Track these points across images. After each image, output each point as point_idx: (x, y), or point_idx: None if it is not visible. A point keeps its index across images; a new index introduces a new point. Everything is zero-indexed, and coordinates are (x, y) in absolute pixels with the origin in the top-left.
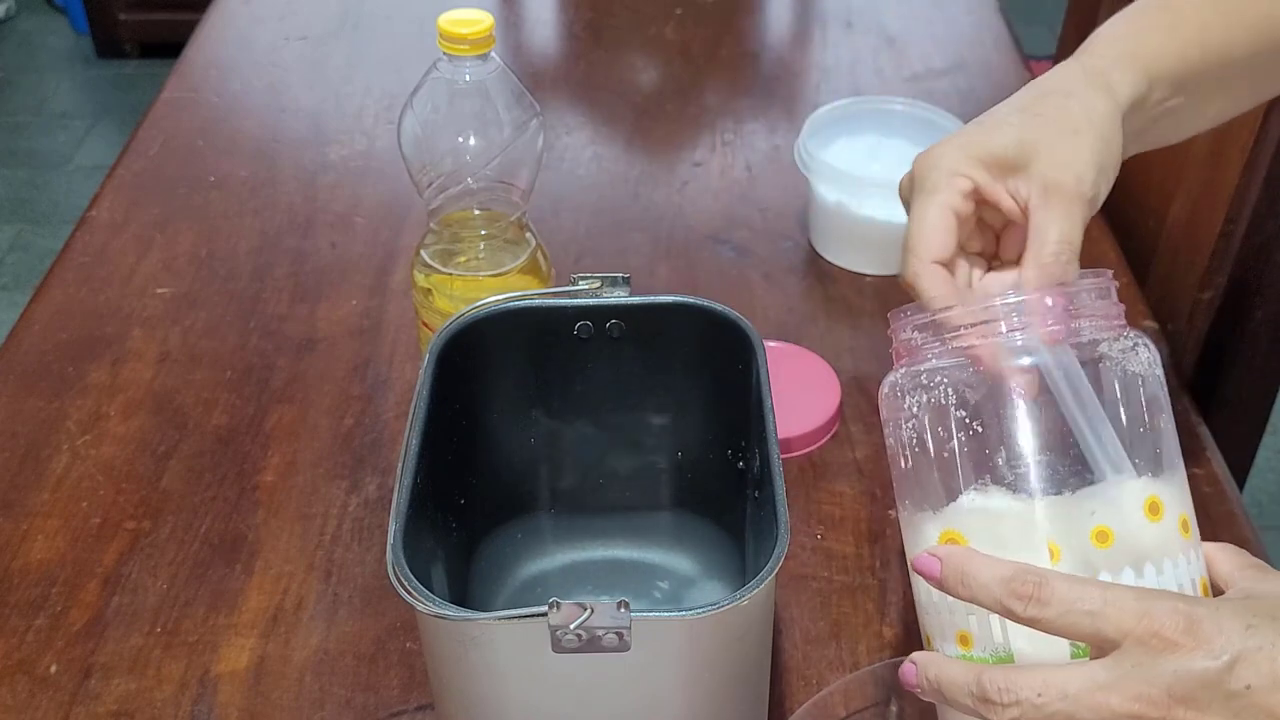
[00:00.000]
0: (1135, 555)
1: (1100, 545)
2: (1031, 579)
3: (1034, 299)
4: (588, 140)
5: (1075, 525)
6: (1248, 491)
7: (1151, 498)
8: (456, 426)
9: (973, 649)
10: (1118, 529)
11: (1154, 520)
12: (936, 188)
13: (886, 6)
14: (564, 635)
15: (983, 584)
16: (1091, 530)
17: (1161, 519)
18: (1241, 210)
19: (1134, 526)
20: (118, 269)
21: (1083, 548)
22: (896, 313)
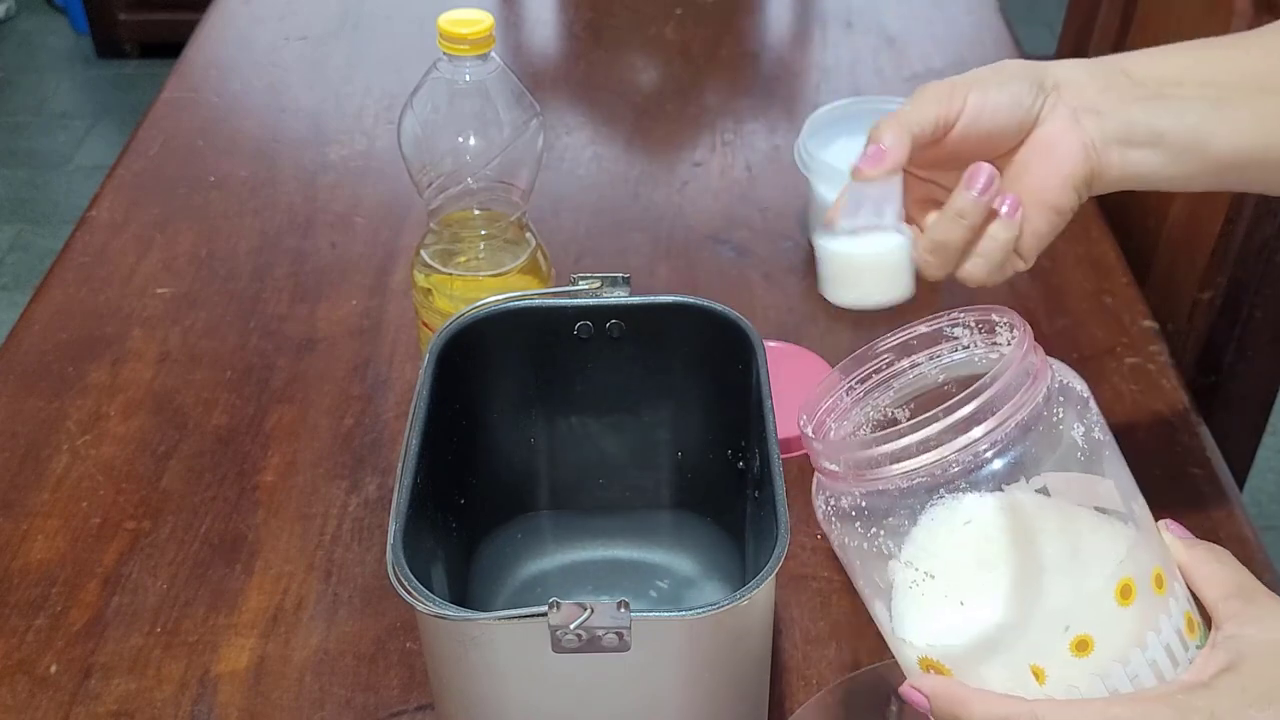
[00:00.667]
0: (1118, 648)
1: (1081, 655)
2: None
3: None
4: (588, 140)
5: (1052, 641)
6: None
7: (1123, 581)
8: (456, 426)
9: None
10: (1095, 632)
11: (1127, 604)
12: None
13: (886, 6)
14: (564, 635)
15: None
16: (1070, 643)
17: (1134, 598)
18: (1241, 210)
19: (1110, 621)
20: (118, 269)
21: (1065, 661)
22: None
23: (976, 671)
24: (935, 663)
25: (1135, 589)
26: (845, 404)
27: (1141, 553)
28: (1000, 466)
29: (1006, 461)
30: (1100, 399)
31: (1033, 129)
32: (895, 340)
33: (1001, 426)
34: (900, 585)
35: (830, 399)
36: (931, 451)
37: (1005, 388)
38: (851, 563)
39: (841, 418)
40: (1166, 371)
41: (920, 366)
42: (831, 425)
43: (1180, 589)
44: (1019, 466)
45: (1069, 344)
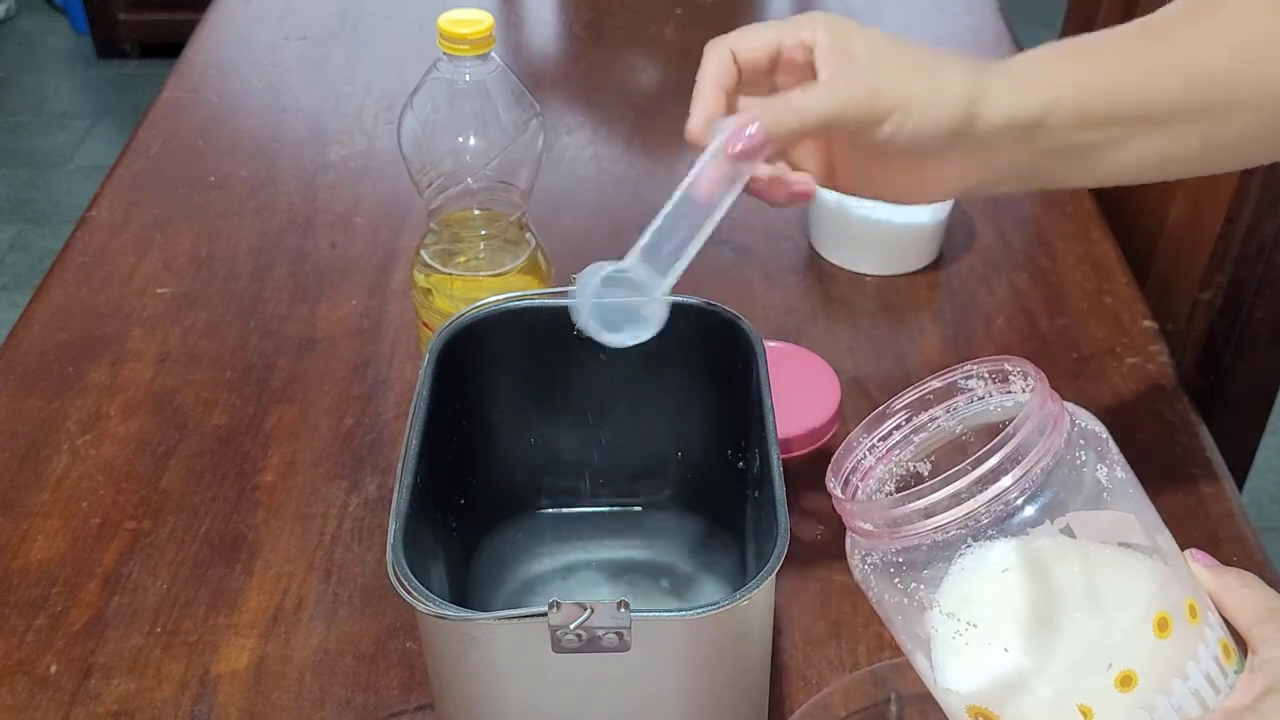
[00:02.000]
0: (1161, 680)
1: (1125, 690)
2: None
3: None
4: (588, 140)
5: (1097, 680)
6: (1248, 491)
7: (1159, 615)
8: (456, 426)
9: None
10: (1138, 667)
11: (1165, 636)
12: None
13: (886, 6)
14: (564, 635)
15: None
16: (1115, 679)
17: (1171, 630)
18: (1241, 210)
19: (1150, 655)
20: (118, 269)
21: (1111, 697)
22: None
23: (1024, 716)
24: (984, 710)
25: (1171, 621)
26: (869, 463)
27: (1173, 585)
28: (1030, 513)
29: (1036, 507)
30: (1100, 399)
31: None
32: (911, 397)
33: (1028, 475)
34: (942, 636)
35: (854, 458)
36: (962, 505)
37: (1029, 435)
38: (891, 617)
39: (867, 477)
40: (1166, 371)
41: (939, 420)
42: (858, 485)
43: (1214, 617)
44: (1045, 510)
45: (1069, 344)
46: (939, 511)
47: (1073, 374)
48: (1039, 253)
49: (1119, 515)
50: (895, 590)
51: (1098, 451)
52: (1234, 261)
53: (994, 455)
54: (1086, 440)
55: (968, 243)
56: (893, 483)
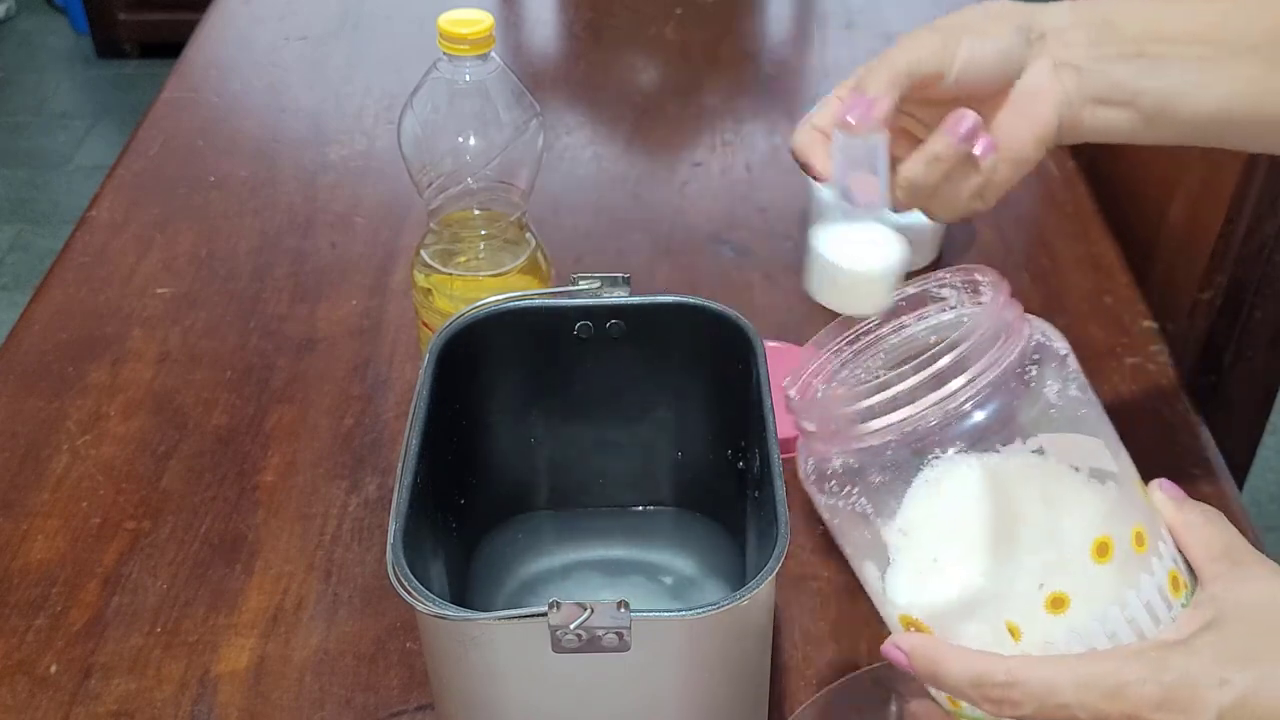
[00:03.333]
0: (1095, 606)
1: (1057, 612)
2: (999, 679)
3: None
4: (588, 140)
5: (1027, 599)
6: (1248, 491)
7: (1099, 540)
8: (456, 426)
9: (962, 709)
10: (1070, 590)
11: (1104, 562)
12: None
13: (886, 6)
14: (564, 635)
15: (953, 684)
16: (1045, 600)
17: (1111, 555)
18: (1241, 210)
19: (1086, 579)
20: (118, 269)
21: (1041, 619)
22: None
23: (955, 629)
24: (916, 621)
25: (1113, 546)
26: (832, 367)
27: (1121, 511)
28: (979, 420)
29: (985, 417)
30: (1100, 398)
31: (1015, 79)
32: None
33: (974, 382)
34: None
35: (816, 362)
36: (904, 408)
37: (979, 343)
38: (834, 524)
39: (828, 380)
40: (1166, 371)
41: (909, 328)
42: (819, 388)
43: (1165, 548)
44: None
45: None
46: (882, 414)
47: None
48: (1039, 253)
49: (1090, 439)
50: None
51: (1054, 367)
52: (1234, 261)
53: (940, 359)
54: (1044, 355)
55: (968, 243)
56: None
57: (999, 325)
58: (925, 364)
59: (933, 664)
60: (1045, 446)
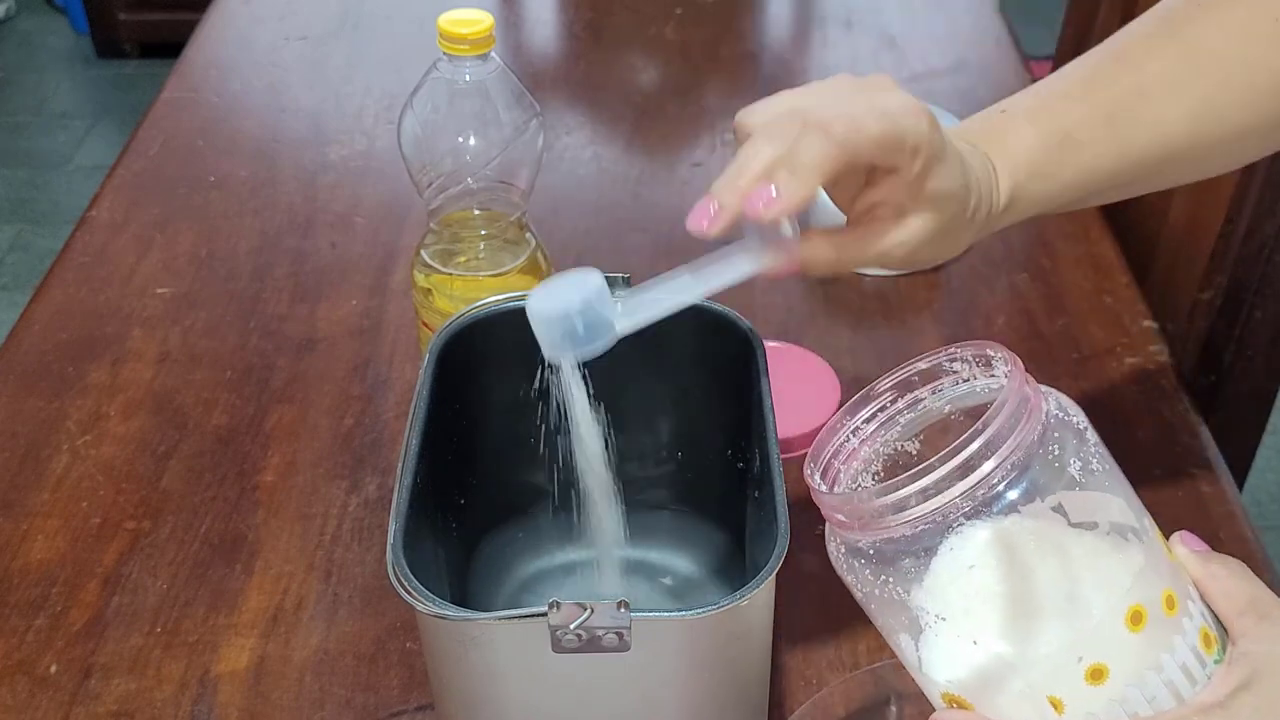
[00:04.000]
0: (1133, 673)
1: (1096, 683)
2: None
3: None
4: (588, 140)
5: (1067, 672)
6: (1248, 491)
7: (1132, 609)
8: (456, 426)
9: None
10: (1109, 660)
11: (1138, 630)
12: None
13: (886, 6)
14: (564, 635)
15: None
16: (1085, 673)
17: (1145, 623)
18: (1241, 210)
19: (1122, 648)
20: (118, 269)
21: (1081, 691)
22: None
23: (996, 704)
24: (957, 698)
25: (1146, 614)
26: (853, 445)
27: (1150, 576)
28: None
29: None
30: (1100, 399)
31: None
32: (896, 378)
33: (1004, 464)
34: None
35: (837, 442)
36: (936, 498)
37: (1004, 423)
38: (868, 605)
39: (850, 459)
40: (1166, 371)
41: (924, 401)
42: (840, 468)
43: (1194, 606)
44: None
45: (1069, 344)
46: (912, 505)
47: (1073, 374)
48: (1039, 253)
49: (1109, 496)
50: (869, 581)
51: (1074, 443)
52: (1234, 261)
53: (969, 445)
54: (1063, 427)
55: None
56: (880, 463)
57: (1020, 406)
58: (952, 454)
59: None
60: (1064, 504)
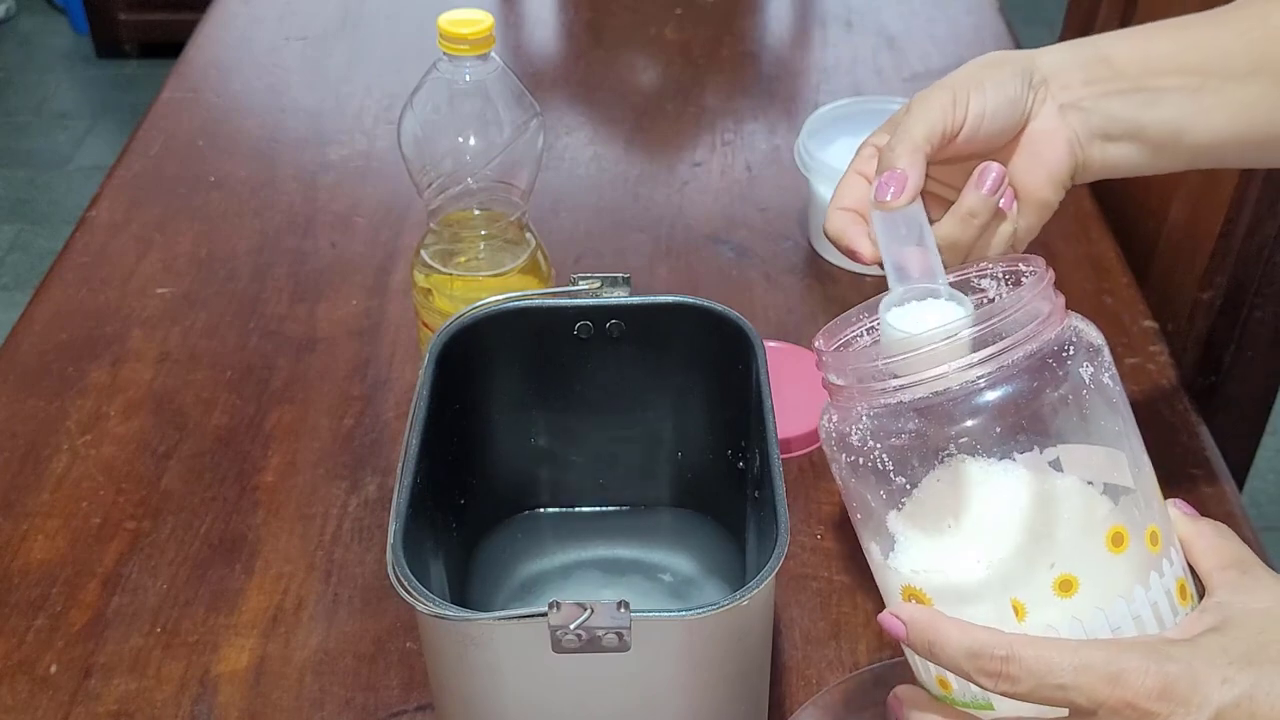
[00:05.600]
0: (1103, 595)
1: (1064, 595)
2: (998, 653)
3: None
4: (588, 140)
5: (1036, 578)
6: (1248, 491)
7: (1114, 529)
8: (456, 426)
9: (952, 693)
10: (1081, 574)
11: (1118, 552)
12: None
13: (886, 6)
14: (564, 635)
15: (950, 656)
16: (1054, 581)
17: (1126, 548)
18: (1241, 210)
19: (1097, 566)
20: (118, 269)
21: (1047, 600)
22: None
23: (957, 603)
24: (917, 591)
25: (1127, 538)
26: (865, 341)
27: (1138, 507)
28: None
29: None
30: None
31: (1024, 126)
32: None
33: (1002, 355)
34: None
35: (851, 330)
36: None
37: (1012, 319)
38: (848, 484)
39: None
40: (1166, 371)
41: None
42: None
43: (1177, 555)
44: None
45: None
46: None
47: None
48: (1039, 253)
49: (1110, 452)
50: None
51: (1089, 355)
52: (1234, 261)
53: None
54: (1079, 343)
55: None
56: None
57: (1036, 307)
58: (955, 330)
59: (931, 633)
60: (1062, 458)
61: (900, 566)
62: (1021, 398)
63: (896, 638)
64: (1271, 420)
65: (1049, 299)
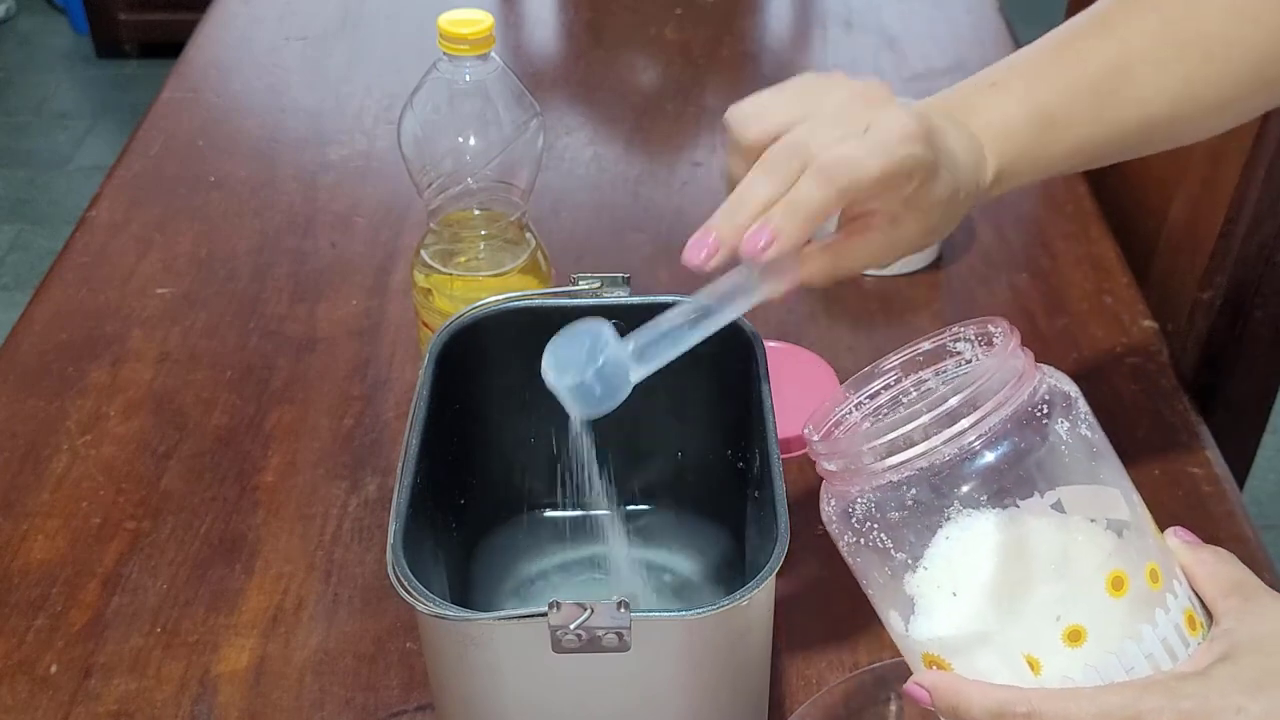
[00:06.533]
0: (1111, 639)
1: (1074, 645)
2: (1020, 710)
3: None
4: (588, 140)
5: (1044, 632)
6: (1248, 491)
7: (1114, 573)
8: (456, 426)
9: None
10: (1087, 622)
11: (1119, 596)
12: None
13: (886, 6)
14: (564, 635)
15: (975, 717)
16: (1062, 633)
17: (1127, 590)
18: (1241, 210)
19: (1102, 612)
20: (118, 269)
21: (1059, 651)
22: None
23: (974, 664)
24: (936, 658)
25: (1128, 581)
26: (855, 419)
27: (1135, 544)
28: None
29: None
30: (1100, 399)
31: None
32: (900, 357)
33: (984, 421)
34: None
35: (840, 411)
36: (919, 444)
37: (988, 384)
38: (856, 563)
39: (851, 432)
40: (1166, 371)
41: (928, 382)
42: (839, 436)
43: (1181, 589)
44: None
45: (1069, 344)
46: (898, 449)
47: (1073, 374)
48: (1039, 253)
49: (1107, 490)
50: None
51: (1063, 407)
52: (1234, 261)
53: (952, 399)
54: (1054, 398)
55: (968, 243)
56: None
57: (1008, 370)
58: (937, 403)
59: (954, 697)
60: (1064, 500)
61: (919, 635)
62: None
63: (923, 705)
64: (1271, 420)
65: (1019, 357)
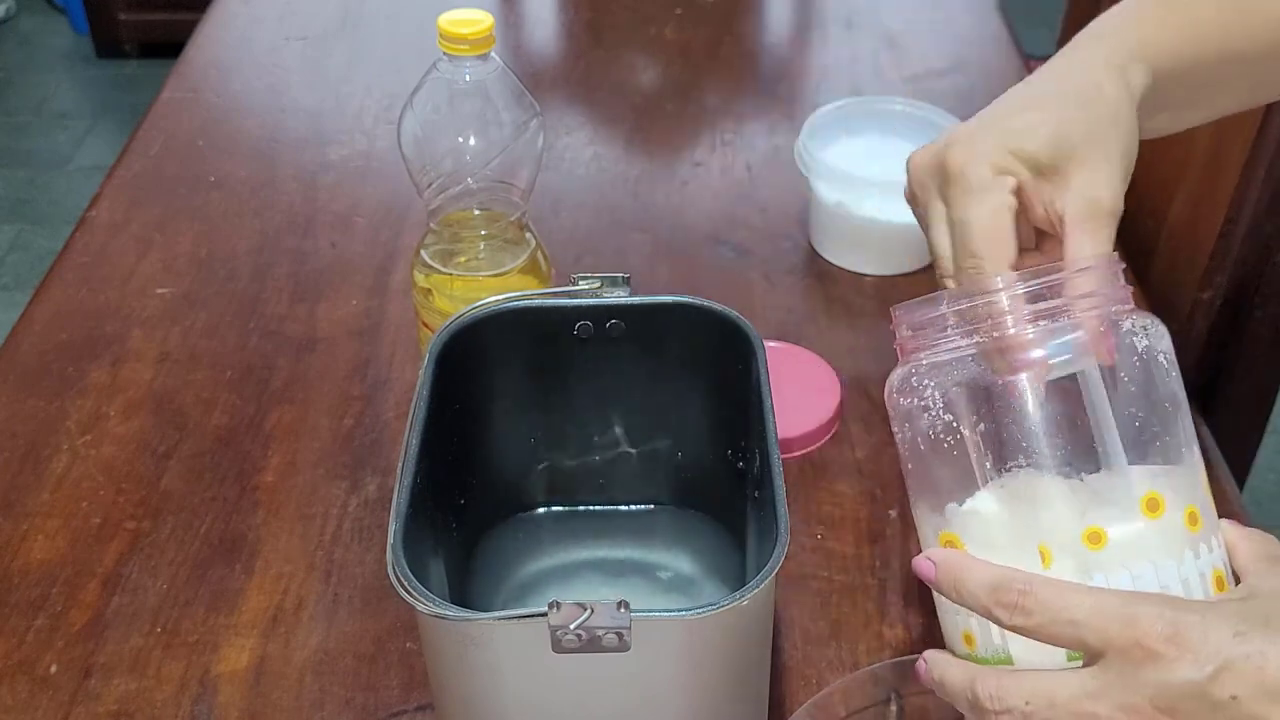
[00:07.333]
0: (1130, 555)
1: (1093, 547)
2: (1017, 587)
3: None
4: (588, 140)
5: (1066, 527)
6: (1248, 491)
7: (1150, 494)
8: (456, 426)
9: (975, 649)
10: (1110, 530)
11: (1153, 517)
12: (986, 186)
13: (886, 6)
14: (564, 635)
15: (971, 590)
16: (1083, 532)
17: (1162, 515)
18: (1241, 210)
19: (1129, 526)
20: (118, 269)
21: (1075, 550)
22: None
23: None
24: (953, 536)
25: (1163, 506)
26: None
27: (1182, 481)
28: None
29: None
30: None
31: None
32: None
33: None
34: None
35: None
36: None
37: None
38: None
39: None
40: None
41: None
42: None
43: (1218, 549)
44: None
45: None
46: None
47: None
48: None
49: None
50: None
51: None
52: (1234, 261)
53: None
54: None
55: None
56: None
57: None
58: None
59: (957, 571)
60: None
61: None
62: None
63: (926, 580)
64: (1271, 420)
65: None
